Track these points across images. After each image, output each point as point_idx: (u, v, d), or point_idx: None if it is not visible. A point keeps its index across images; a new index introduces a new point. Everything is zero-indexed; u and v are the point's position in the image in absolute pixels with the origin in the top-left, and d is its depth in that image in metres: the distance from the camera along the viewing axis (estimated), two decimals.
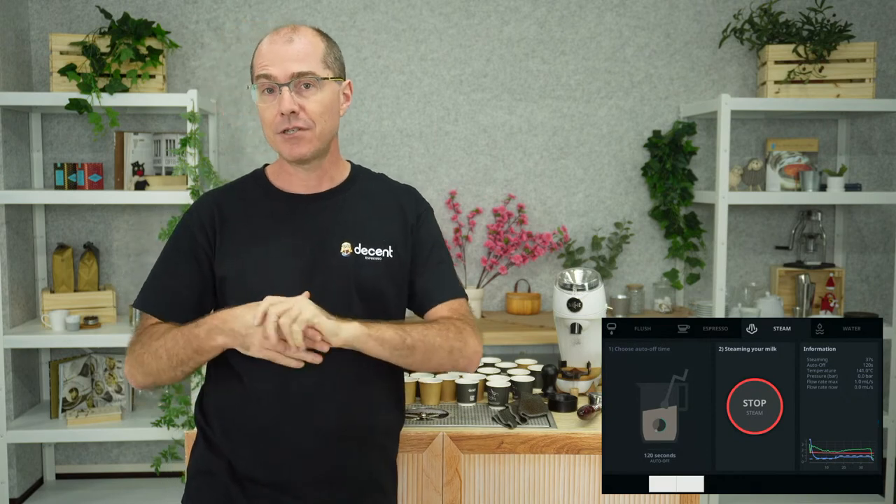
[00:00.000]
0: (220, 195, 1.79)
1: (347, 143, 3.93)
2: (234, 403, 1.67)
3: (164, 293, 1.73)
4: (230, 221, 1.73)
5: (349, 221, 1.74)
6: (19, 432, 3.42)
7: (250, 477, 1.66)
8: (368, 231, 1.74)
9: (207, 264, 1.72)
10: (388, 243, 1.75)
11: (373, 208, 1.79)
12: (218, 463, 1.69)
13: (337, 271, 1.69)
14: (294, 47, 1.67)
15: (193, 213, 1.77)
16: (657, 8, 3.99)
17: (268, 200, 1.76)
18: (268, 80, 1.67)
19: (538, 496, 2.00)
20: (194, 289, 1.72)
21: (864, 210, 4.12)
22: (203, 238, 1.72)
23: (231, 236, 1.72)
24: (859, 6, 4.04)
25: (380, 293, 1.72)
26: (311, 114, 1.67)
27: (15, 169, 3.62)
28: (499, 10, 3.95)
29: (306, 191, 1.76)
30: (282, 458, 1.65)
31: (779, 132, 4.07)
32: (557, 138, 4.00)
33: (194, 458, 1.76)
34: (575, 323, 2.37)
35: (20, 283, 3.63)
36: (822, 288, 3.91)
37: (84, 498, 3.67)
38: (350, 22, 3.92)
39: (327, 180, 1.78)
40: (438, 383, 2.21)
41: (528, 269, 4.02)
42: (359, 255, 1.71)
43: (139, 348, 1.67)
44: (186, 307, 1.70)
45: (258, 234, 1.72)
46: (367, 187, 1.82)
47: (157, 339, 1.65)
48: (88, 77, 3.37)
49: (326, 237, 1.72)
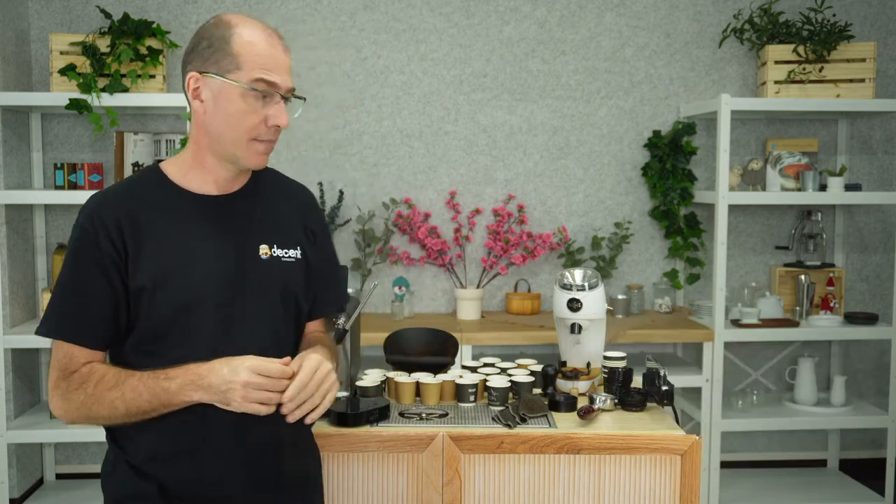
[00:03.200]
0: (122, 198, 1.60)
1: (347, 142, 3.93)
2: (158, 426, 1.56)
3: (78, 317, 1.56)
4: (141, 226, 1.57)
5: (264, 222, 1.68)
6: (19, 432, 3.43)
7: (187, 496, 1.60)
8: (281, 231, 1.70)
9: (118, 277, 1.55)
10: (297, 244, 1.71)
11: (281, 207, 1.73)
12: (146, 487, 1.59)
13: (261, 275, 1.64)
14: (289, 58, 1.61)
15: (93, 221, 1.56)
16: (657, 8, 3.99)
17: (178, 201, 1.62)
18: (270, 87, 1.56)
19: (538, 496, 2.00)
20: (108, 307, 1.55)
21: (864, 210, 4.12)
22: (110, 248, 1.54)
23: (146, 242, 1.56)
24: (859, 6, 4.04)
25: (296, 295, 1.69)
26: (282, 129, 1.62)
27: (15, 169, 3.62)
28: (499, 10, 3.95)
29: (217, 191, 1.65)
30: (221, 472, 1.61)
31: (779, 132, 4.07)
32: (557, 138, 4.00)
33: (116, 485, 1.63)
34: (575, 323, 2.37)
35: (20, 283, 3.63)
36: (822, 288, 3.91)
37: (84, 498, 3.67)
38: (350, 22, 3.91)
39: (240, 179, 1.69)
40: (438, 383, 2.21)
41: (528, 269, 4.02)
42: (276, 257, 1.66)
43: (83, 397, 1.53)
44: (104, 330, 1.57)
45: (176, 238, 1.59)
46: (270, 184, 1.75)
47: (110, 390, 1.52)
48: (88, 77, 3.37)
49: (245, 239, 1.64)
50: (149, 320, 1.56)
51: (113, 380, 1.53)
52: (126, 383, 1.52)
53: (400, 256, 3.91)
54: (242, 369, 1.48)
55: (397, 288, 3.84)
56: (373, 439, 1.98)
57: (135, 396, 1.52)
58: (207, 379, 1.49)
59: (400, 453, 1.99)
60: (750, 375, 4.13)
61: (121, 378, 1.53)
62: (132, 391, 1.52)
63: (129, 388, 1.52)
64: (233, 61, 1.56)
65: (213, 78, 1.56)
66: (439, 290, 4.01)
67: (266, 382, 1.48)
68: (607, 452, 1.98)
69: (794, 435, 4.19)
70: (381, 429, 2.00)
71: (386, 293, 3.97)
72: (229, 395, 1.48)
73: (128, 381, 1.52)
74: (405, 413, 2.11)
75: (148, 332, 1.57)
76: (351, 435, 1.97)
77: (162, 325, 1.57)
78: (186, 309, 1.57)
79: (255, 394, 1.48)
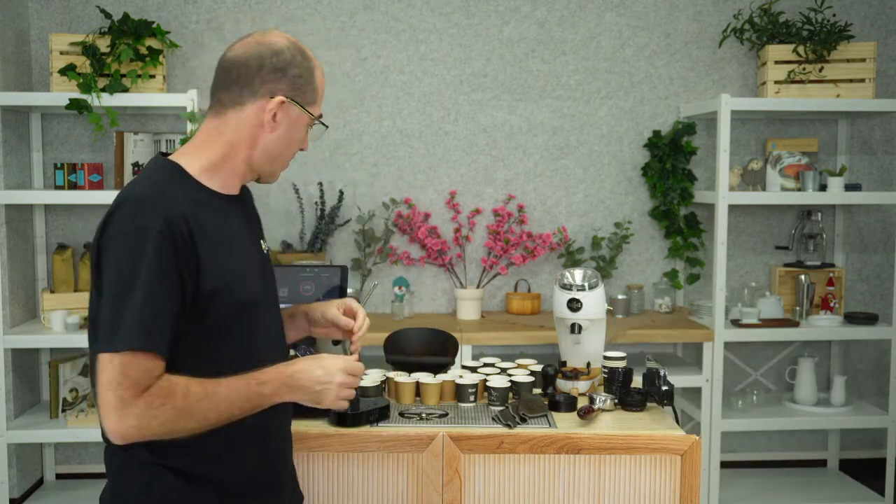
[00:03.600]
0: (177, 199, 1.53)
1: (347, 143, 3.93)
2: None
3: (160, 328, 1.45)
4: (204, 227, 1.53)
5: (258, 219, 1.80)
6: (19, 432, 3.43)
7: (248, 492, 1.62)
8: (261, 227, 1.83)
9: (191, 281, 1.49)
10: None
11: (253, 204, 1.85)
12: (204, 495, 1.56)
13: (271, 270, 1.76)
14: None
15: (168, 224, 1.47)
16: (657, 8, 3.99)
17: (217, 202, 1.61)
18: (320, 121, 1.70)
19: (538, 496, 2.00)
20: (178, 314, 1.48)
21: (864, 210, 4.12)
22: (188, 251, 1.48)
23: (210, 244, 1.53)
24: (859, 6, 4.04)
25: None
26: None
27: (15, 169, 3.62)
28: (499, 10, 3.95)
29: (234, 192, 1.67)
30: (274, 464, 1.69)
31: (779, 132, 4.07)
32: (557, 138, 4.00)
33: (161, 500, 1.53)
34: (575, 323, 2.37)
35: (20, 283, 3.63)
36: (822, 288, 3.91)
37: (84, 498, 3.67)
38: (350, 22, 3.91)
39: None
40: (438, 383, 2.21)
41: (528, 269, 4.02)
42: (268, 252, 1.78)
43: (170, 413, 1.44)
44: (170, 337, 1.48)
45: (226, 239, 1.59)
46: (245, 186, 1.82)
47: (200, 401, 1.47)
48: (88, 77, 3.37)
49: (258, 237, 1.75)
50: (211, 322, 1.54)
51: (201, 392, 1.48)
52: (216, 394, 1.49)
53: (400, 256, 3.91)
54: (337, 371, 1.61)
55: (397, 288, 3.84)
56: (373, 439, 1.98)
57: (227, 406, 1.50)
58: (301, 381, 1.59)
59: (400, 453, 1.99)
60: (750, 375, 4.13)
61: (209, 389, 1.49)
62: (225, 400, 1.50)
63: (222, 397, 1.49)
64: (314, 96, 1.66)
65: (295, 106, 1.62)
66: (439, 290, 4.01)
67: (354, 381, 1.64)
68: (607, 452, 1.98)
69: (794, 435, 4.19)
70: (381, 429, 2.00)
71: (386, 293, 3.97)
72: (323, 394, 1.61)
73: (219, 392, 1.49)
74: (405, 413, 2.11)
75: (205, 335, 1.54)
76: (351, 435, 1.97)
77: (223, 328, 1.55)
78: (246, 309, 1.60)
79: (346, 392, 1.63)
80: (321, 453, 1.98)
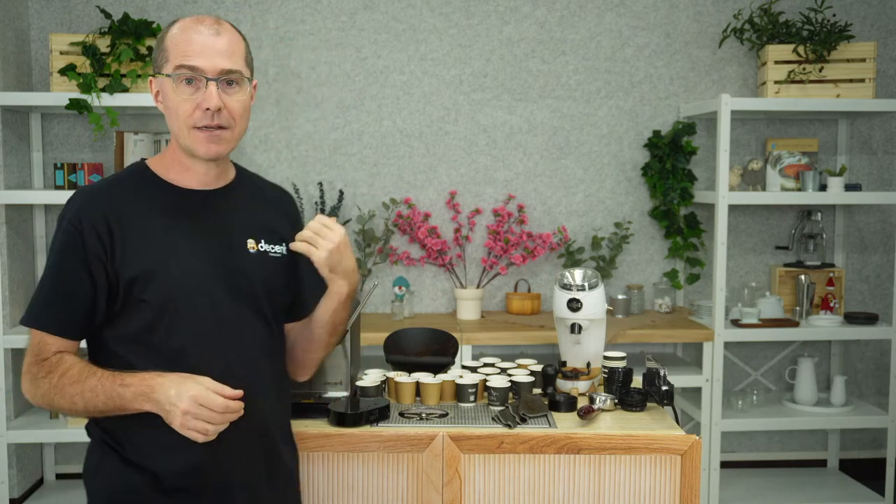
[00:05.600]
0: (107, 194, 1.64)
1: (347, 142, 3.93)
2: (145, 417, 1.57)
3: (56, 308, 1.61)
4: (127, 221, 1.60)
5: (250, 217, 1.73)
6: (19, 432, 3.43)
7: (181, 487, 1.62)
8: (268, 227, 1.75)
9: (102, 271, 1.59)
10: (282, 240, 1.76)
11: (265, 205, 1.79)
12: (140, 479, 1.61)
13: (246, 269, 1.68)
14: (221, 41, 1.62)
15: (79, 217, 1.60)
16: (657, 8, 3.99)
17: (163, 196, 1.66)
18: (191, 71, 1.59)
19: (538, 496, 2.00)
20: (87, 300, 1.59)
21: (864, 210, 4.12)
22: (95, 244, 1.58)
23: (131, 237, 1.60)
24: (859, 6, 4.04)
25: (281, 289, 1.75)
26: (233, 112, 1.63)
27: (15, 169, 3.62)
28: (499, 10, 3.95)
29: (201, 186, 1.69)
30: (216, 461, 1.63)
31: (779, 132, 4.07)
32: (557, 138, 4.00)
33: (106, 479, 1.65)
34: (575, 323, 2.36)
35: (20, 283, 3.63)
36: (822, 288, 3.91)
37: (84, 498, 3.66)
38: (350, 22, 3.91)
39: (223, 177, 1.73)
40: (438, 383, 2.21)
41: (528, 269, 4.02)
42: (264, 252, 1.72)
43: (47, 387, 1.58)
44: (80, 322, 1.61)
45: (161, 232, 1.62)
46: (255, 184, 1.82)
47: (72, 385, 1.56)
48: (88, 77, 3.37)
49: (232, 233, 1.70)
50: (138, 313, 1.60)
51: (76, 375, 1.57)
52: (86, 381, 1.56)
53: (400, 256, 3.91)
54: (186, 397, 1.50)
55: (397, 288, 3.84)
56: (373, 439, 1.98)
57: (92, 396, 1.56)
58: (156, 394, 1.53)
59: (400, 453, 1.99)
60: (750, 375, 4.13)
61: (83, 375, 1.57)
62: (91, 391, 1.55)
63: (89, 387, 1.56)
64: (163, 56, 1.63)
65: (157, 77, 1.65)
66: (439, 290, 4.01)
67: (206, 415, 1.51)
68: (607, 452, 1.98)
69: (793, 435, 4.19)
70: (381, 429, 2.00)
71: (386, 293, 3.97)
72: (170, 416, 1.52)
73: (88, 380, 1.56)
74: (405, 413, 2.11)
75: (136, 325, 1.60)
76: (351, 435, 1.97)
77: (149, 319, 1.60)
78: (172, 302, 1.60)
79: (193, 422, 1.51)
80: (321, 453, 1.98)
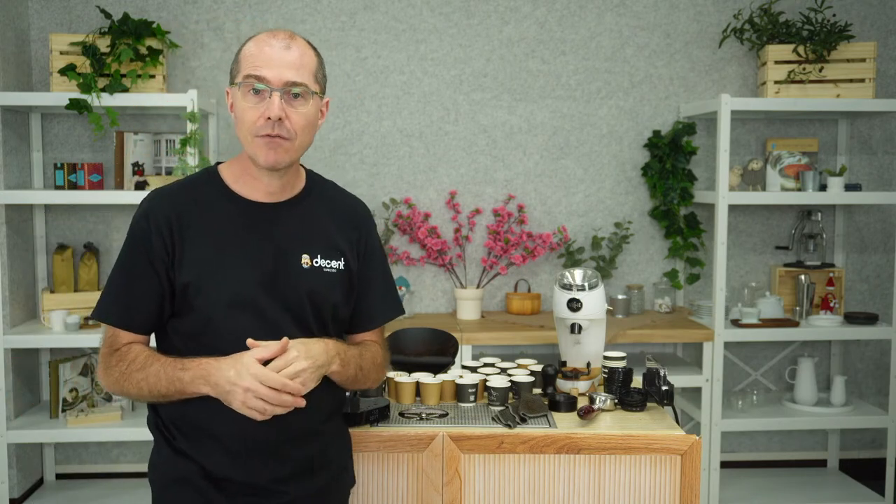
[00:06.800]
0: (175, 198, 1.72)
1: (347, 142, 3.93)
2: (195, 409, 1.66)
3: (125, 304, 1.69)
4: (189, 227, 1.68)
5: (309, 232, 1.76)
6: (19, 432, 3.42)
7: (227, 477, 1.67)
8: (326, 242, 1.77)
9: (164, 271, 1.67)
10: (341, 255, 1.78)
11: (329, 218, 1.81)
12: (190, 468, 1.68)
13: (296, 283, 1.71)
14: (291, 55, 1.66)
15: (147, 218, 1.69)
16: (657, 8, 3.99)
17: (228, 205, 1.72)
18: (258, 81, 1.64)
19: (538, 496, 2.00)
20: (155, 297, 1.68)
21: (864, 210, 4.12)
22: (160, 245, 1.67)
23: (191, 242, 1.67)
24: (859, 6, 4.04)
25: (333, 305, 1.76)
26: (294, 125, 1.66)
27: (15, 169, 3.62)
28: (499, 10, 3.95)
29: (268, 199, 1.74)
30: (255, 458, 1.67)
31: (779, 132, 4.07)
32: (557, 138, 4.00)
33: (160, 467, 1.73)
34: (575, 323, 2.37)
35: (20, 283, 3.63)
36: (822, 288, 3.91)
37: (84, 498, 3.67)
38: (350, 22, 3.92)
39: (289, 189, 1.77)
40: (438, 383, 2.21)
41: (528, 269, 4.02)
42: (318, 267, 1.74)
43: (118, 374, 1.66)
44: (149, 317, 1.69)
45: (218, 240, 1.69)
46: (323, 196, 1.84)
47: (138, 371, 1.64)
48: (88, 77, 3.37)
49: (288, 247, 1.72)
50: (193, 313, 1.67)
51: (142, 362, 1.64)
52: (150, 367, 1.63)
53: (400, 256, 3.91)
54: (247, 375, 1.55)
55: (397, 288, 3.84)
56: (373, 439, 1.98)
57: (155, 381, 1.62)
58: (215, 377, 1.58)
59: (400, 453, 1.99)
60: (750, 375, 4.13)
61: (148, 362, 1.64)
62: (154, 376, 1.63)
63: (153, 372, 1.63)
64: (237, 67, 1.70)
65: (231, 88, 1.71)
66: (439, 290, 4.01)
67: (266, 393, 1.55)
68: (607, 452, 1.98)
69: (793, 435, 4.19)
70: (382, 429, 2.00)
71: None
72: (231, 396, 1.57)
73: (152, 366, 1.63)
74: (405, 413, 2.11)
75: (189, 326, 1.68)
76: (351, 435, 1.97)
77: (199, 324, 1.67)
78: (218, 312, 1.65)
79: (254, 401, 1.56)
80: None
